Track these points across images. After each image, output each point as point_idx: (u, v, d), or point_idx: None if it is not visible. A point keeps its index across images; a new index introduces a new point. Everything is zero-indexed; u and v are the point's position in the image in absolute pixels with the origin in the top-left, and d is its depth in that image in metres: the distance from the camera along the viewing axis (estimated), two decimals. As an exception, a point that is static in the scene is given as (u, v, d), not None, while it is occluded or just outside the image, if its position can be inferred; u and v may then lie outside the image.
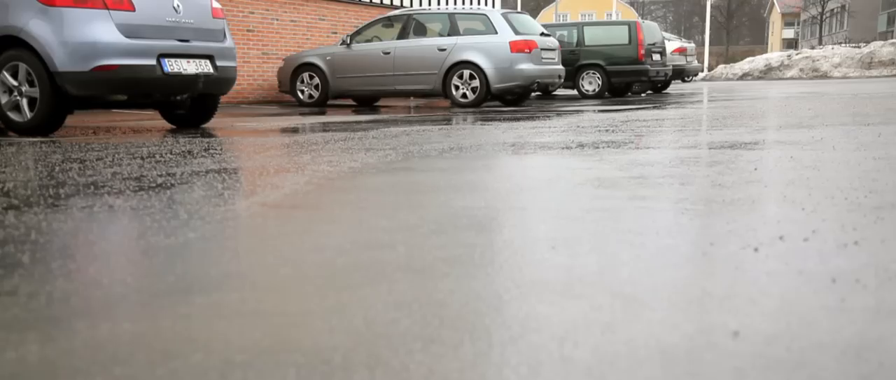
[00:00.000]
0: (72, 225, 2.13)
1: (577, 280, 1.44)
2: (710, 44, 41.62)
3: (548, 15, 69.48)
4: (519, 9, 52.76)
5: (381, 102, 13.70)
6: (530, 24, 12.62)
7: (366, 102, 13.39)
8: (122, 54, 5.98)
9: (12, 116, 6.11)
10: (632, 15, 73.01)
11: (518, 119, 7.25)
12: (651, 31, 16.03)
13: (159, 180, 3.07)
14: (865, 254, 1.62)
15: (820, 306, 1.24)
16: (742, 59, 32.02)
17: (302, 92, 12.93)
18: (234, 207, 2.40)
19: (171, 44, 6.30)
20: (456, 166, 3.43)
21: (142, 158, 3.96)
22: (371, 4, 16.17)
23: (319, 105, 12.68)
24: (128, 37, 6.02)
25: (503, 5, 24.90)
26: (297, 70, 12.86)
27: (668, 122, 6.29)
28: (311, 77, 12.76)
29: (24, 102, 6.05)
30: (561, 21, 63.41)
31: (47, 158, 4.09)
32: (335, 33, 15.17)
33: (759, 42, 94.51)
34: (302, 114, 9.69)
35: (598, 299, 1.31)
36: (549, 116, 7.75)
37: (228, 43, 6.88)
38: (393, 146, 4.49)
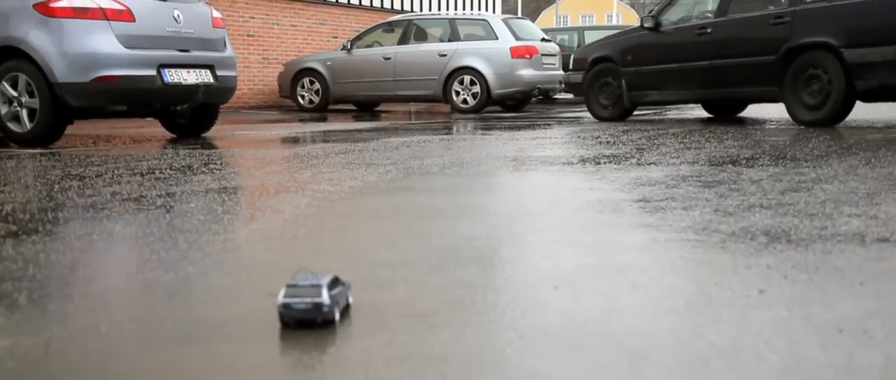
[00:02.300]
0: (70, 256, 2.11)
1: (580, 329, 1.42)
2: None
3: (548, 17, 69.46)
4: (519, 11, 52.77)
5: (381, 107, 13.69)
6: (531, 30, 12.61)
7: (366, 107, 13.38)
8: (122, 65, 5.97)
9: (12, 126, 6.09)
10: (632, 17, 73.03)
11: (519, 127, 7.23)
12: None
13: (159, 201, 3.05)
14: (872, 298, 1.60)
15: (828, 364, 1.22)
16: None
17: (302, 97, 12.92)
18: (234, 235, 2.38)
19: (171, 54, 6.29)
20: (457, 186, 3.42)
21: (141, 175, 3.95)
22: (371, 8, 16.17)
23: (320, 110, 12.68)
24: (128, 47, 6.00)
25: (504, 8, 24.89)
26: (298, 75, 12.86)
27: (667, 134, 6.27)
28: (312, 82, 12.75)
29: (24, 113, 6.04)
30: (561, 24, 63.42)
31: (46, 174, 4.08)
32: (335, 38, 15.16)
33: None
34: (302, 121, 9.69)
35: (603, 353, 1.29)
36: (549, 124, 7.73)
37: (228, 52, 6.86)
38: (393, 161, 4.48)
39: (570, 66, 9.30)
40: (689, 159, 4.20)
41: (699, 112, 9.69)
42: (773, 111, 9.27)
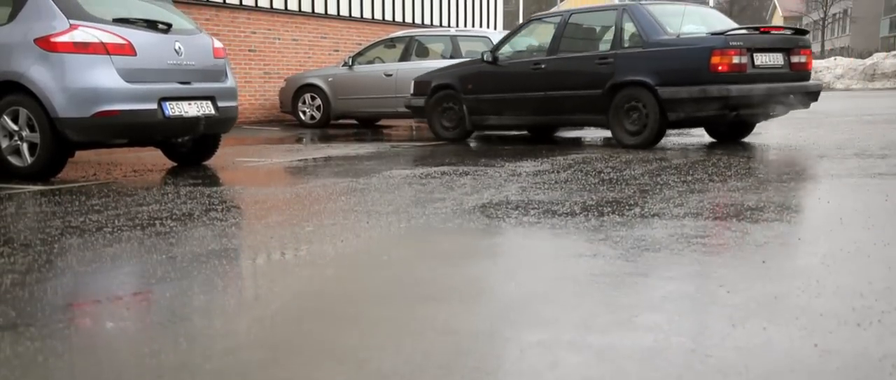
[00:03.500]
0: (68, 361, 2.09)
1: None
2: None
3: (550, 19, 69.33)
4: (520, 14, 52.67)
5: (382, 122, 13.67)
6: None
7: (367, 122, 13.36)
8: (124, 100, 5.95)
9: (13, 160, 6.09)
10: (634, 19, 72.92)
11: (520, 156, 7.20)
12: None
13: (159, 272, 3.03)
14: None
15: None
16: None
17: (304, 113, 12.92)
18: (235, 327, 2.36)
19: (173, 87, 6.28)
20: (460, 250, 3.39)
21: (142, 229, 3.92)
22: (372, 21, 16.14)
23: (321, 126, 12.67)
24: (129, 82, 5.99)
25: (505, 14, 24.87)
26: (299, 91, 12.85)
27: (670, 168, 6.25)
28: (313, 98, 12.75)
29: (25, 147, 6.03)
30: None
31: (45, 227, 4.05)
32: (337, 51, 15.14)
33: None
34: (304, 143, 9.65)
35: None
36: (552, 151, 7.70)
37: (230, 82, 6.85)
38: (396, 207, 4.45)
39: (412, 91, 10.11)
40: (689, 207, 4.18)
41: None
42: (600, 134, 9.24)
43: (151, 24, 6.29)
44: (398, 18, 16.74)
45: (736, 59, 7.46)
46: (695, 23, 8.24)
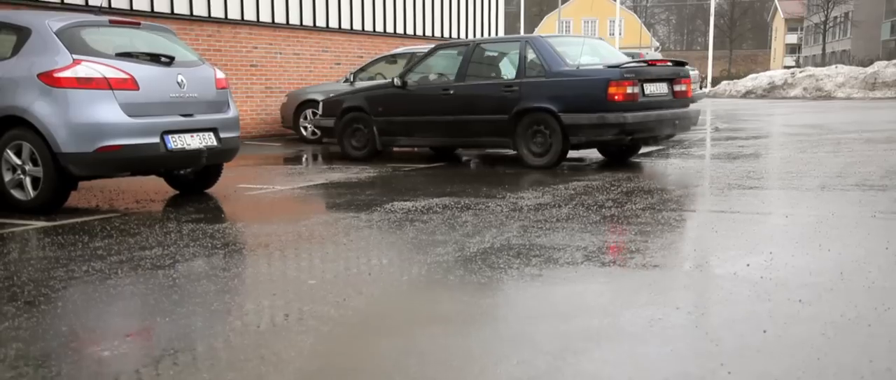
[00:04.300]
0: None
1: None
2: (714, 48, 41.78)
3: (550, 22, 69.39)
4: (522, 16, 52.71)
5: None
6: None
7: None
8: (126, 135, 5.97)
9: (16, 193, 6.11)
10: (635, 21, 72.98)
11: (520, 186, 7.22)
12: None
13: (163, 340, 3.04)
14: None
15: None
16: (744, 64, 32.04)
17: (305, 128, 12.94)
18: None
19: (175, 120, 6.30)
20: (462, 314, 3.41)
21: (145, 282, 3.94)
22: (374, 33, 16.16)
23: (321, 141, 12.68)
24: (131, 116, 6.01)
25: (506, 17, 24.90)
26: (301, 106, 12.88)
27: (670, 200, 6.27)
28: (315, 113, 12.75)
29: (28, 181, 6.05)
30: (564, 29, 63.33)
31: (48, 279, 4.07)
32: (338, 65, 15.15)
33: (762, 46, 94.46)
34: (305, 161, 9.65)
35: None
36: (555, 179, 7.71)
37: (232, 113, 6.86)
38: (398, 253, 4.46)
39: (321, 112, 10.67)
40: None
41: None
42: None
43: (154, 58, 6.31)
44: (400, 31, 16.76)
45: (630, 90, 8.24)
46: (590, 55, 9.00)
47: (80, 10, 11.18)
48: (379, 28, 16.31)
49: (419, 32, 17.25)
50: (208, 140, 6.50)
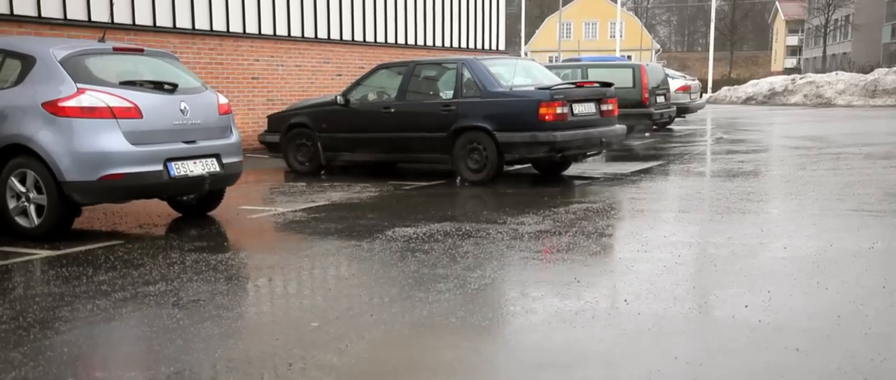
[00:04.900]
0: None
1: None
2: (715, 49, 41.85)
3: (551, 24, 69.42)
4: (523, 17, 52.81)
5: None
6: (535, 72, 12.64)
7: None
8: (130, 163, 6.02)
9: (20, 221, 6.16)
10: (636, 23, 73.00)
11: (520, 210, 7.25)
12: (655, 73, 16.11)
13: (169, 393, 3.08)
14: None
15: None
16: (745, 65, 32.10)
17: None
18: None
19: (178, 147, 6.34)
20: (463, 364, 3.45)
21: (149, 323, 3.98)
22: (375, 44, 16.20)
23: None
24: (135, 144, 6.05)
25: (507, 17, 24.94)
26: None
27: (671, 229, 6.31)
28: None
29: (32, 209, 6.09)
30: (564, 32, 63.33)
31: (53, 319, 4.11)
32: (340, 76, 15.21)
33: (762, 48, 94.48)
34: (307, 177, 9.68)
35: None
36: (555, 201, 7.74)
37: (234, 138, 6.91)
38: (400, 290, 4.51)
39: (267, 128, 11.12)
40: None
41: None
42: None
43: (157, 85, 6.35)
44: (401, 41, 16.80)
45: (559, 110, 8.80)
46: (522, 76, 9.51)
47: (83, 27, 11.23)
48: (380, 39, 16.36)
49: (420, 43, 17.30)
50: (211, 166, 6.55)
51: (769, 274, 4.79)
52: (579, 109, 9.14)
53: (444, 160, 9.46)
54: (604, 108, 9.54)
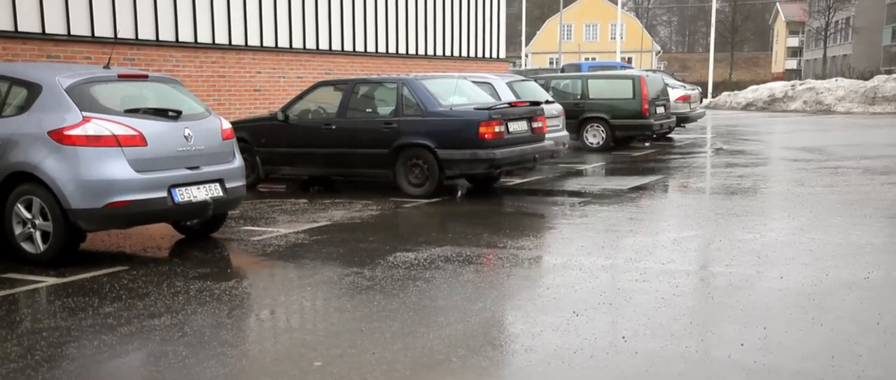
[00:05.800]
0: None
1: None
2: (715, 50, 41.90)
3: (552, 26, 69.48)
4: (523, 18, 52.87)
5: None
6: (535, 92, 12.74)
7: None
8: (134, 190, 6.09)
9: (26, 247, 6.23)
10: (636, 25, 73.04)
11: (520, 232, 7.31)
12: (655, 84, 16.15)
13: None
14: None
15: None
16: (745, 66, 32.16)
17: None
18: None
19: (182, 173, 6.41)
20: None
21: (155, 361, 4.05)
22: (376, 55, 16.27)
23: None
24: (139, 172, 6.12)
25: (508, 18, 24.99)
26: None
27: (669, 256, 6.38)
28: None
29: (38, 235, 6.17)
30: (565, 33, 63.37)
31: (59, 356, 4.17)
32: (341, 87, 15.26)
33: (763, 49, 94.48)
34: (309, 193, 9.75)
35: None
36: (554, 221, 7.80)
37: (237, 163, 6.98)
38: (401, 326, 4.57)
39: None
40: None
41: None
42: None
43: (162, 113, 6.42)
44: (402, 51, 16.87)
45: (497, 129, 9.28)
46: (460, 96, 9.94)
47: (87, 43, 11.30)
48: (381, 49, 16.43)
49: (421, 53, 17.36)
50: (214, 191, 6.62)
51: (765, 308, 4.86)
52: (514, 127, 9.64)
53: (386, 175, 9.75)
54: (534, 125, 10.06)
